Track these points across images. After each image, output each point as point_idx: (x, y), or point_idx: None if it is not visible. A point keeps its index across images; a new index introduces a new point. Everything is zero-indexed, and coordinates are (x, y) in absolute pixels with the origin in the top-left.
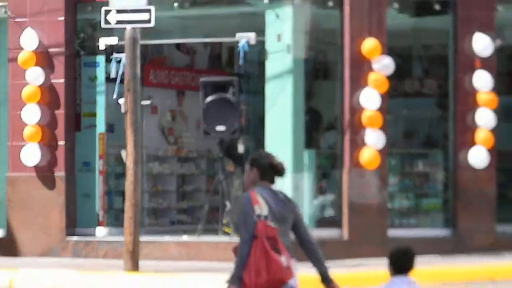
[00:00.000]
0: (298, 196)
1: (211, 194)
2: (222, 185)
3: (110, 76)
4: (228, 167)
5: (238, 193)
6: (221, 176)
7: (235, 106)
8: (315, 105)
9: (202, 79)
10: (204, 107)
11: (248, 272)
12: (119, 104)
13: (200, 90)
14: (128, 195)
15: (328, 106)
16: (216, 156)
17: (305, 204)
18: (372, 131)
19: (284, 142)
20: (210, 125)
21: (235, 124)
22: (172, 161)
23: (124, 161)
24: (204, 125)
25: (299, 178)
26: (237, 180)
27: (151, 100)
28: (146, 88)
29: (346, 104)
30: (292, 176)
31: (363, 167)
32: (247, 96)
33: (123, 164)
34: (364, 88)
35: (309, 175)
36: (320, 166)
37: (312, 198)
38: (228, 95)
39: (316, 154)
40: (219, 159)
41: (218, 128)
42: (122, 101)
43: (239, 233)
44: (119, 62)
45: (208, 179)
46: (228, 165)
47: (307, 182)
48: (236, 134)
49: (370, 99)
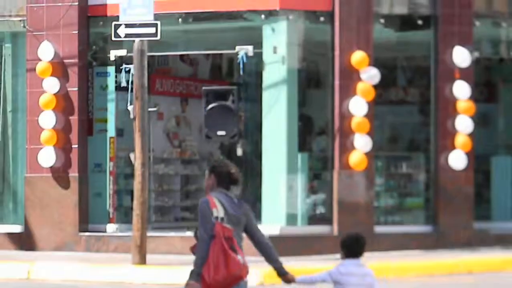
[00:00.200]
0: (292, 195)
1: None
2: None
3: (120, 85)
4: None
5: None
6: None
7: (235, 113)
8: (308, 112)
9: (204, 88)
10: (206, 113)
11: (208, 269)
12: (128, 110)
13: (202, 98)
14: (136, 194)
15: (319, 112)
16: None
17: (298, 202)
18: (360, 135)
19: (279, 146)
20: (212, 130)
21: (235, 129)
22: (177, 163)
23: (133, 163)
24: (206, 130)
25: (292, 179)
26: None
27: (158, 107)
28: (153, 96)
29: (336, 111)
30: (286, 177)
31: (352, 168)
32: (245, 103)
33: (131, 165)
34: (353, 96)
35: (302, 176)
36: (312, 168)
37: (305, 197)
38: (228, 103)
39: (309, 156)
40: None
41: (219, 132)
42: (131, 107)
43: (199, 233)
44: (128, 72)
45: None
46: None
47: (300, 182)
48: (235, 138)
49: (358, 106)
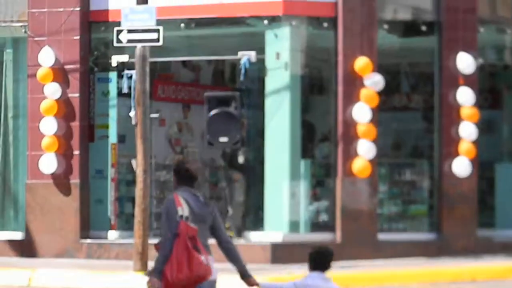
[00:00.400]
0: (295, 202)
1: (214, 200)
2: (224, 192)
3: (121, 91)
4: (234, 176)
5: (240, 199)
6: (223, 183)
7: (237, 119)
8: (311, 118)
9: (206, 94)
10: (208, 119)
11: (170, 267)
12: (130, 116)
13: (204, 104)
14: (137, 200)
15: (322, 119)
16: (219, 165)
17: (301, 209)
18: (364, 142)
19: (282, 152)
20: (214, 136)
21: (237, 135)
22: None
23: (134, 169)
24: (208, 136)
25: (295, 186)
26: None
27: (160, 113)
28: (155, 102)
29: (340, 118)
30: (289, 184)
31: (355, 175)
32: (248, 109)
33: (133, 172)
34: (356, 102)
35: (305, 183)
36: (315, 175)
37: (308, 204)
38: (231, 109)
39: (312, 163)
40: (222, 168)
41: (221, 139)
42: (132, 113)
43: (163, 231)
44: (130, 78)
45: (211, 186)
46: (233, 174)
47: (303, 189)
48: (238, 145)
49: (362, 113)
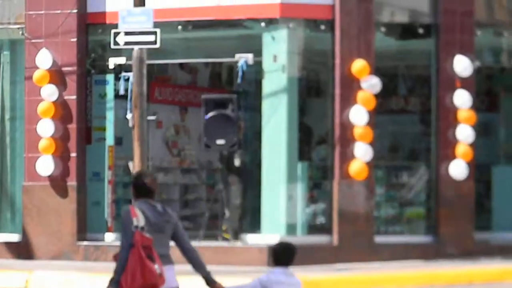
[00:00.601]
0: (292, 205)
1: (211, 202)
2: (221, 194)
3: (119, 93)
4: (231, 178)
5: (237, 202)
6: (220, 186)
7: (234, 121)
8: (308, 120)
9: (203, 96)
10: (205, 122)
11: (125, 277)
12: (127, 119)
13: (201, 106)
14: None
15: (319, 121)
16: (216, 168)
17: (298, 212)
18: (361, 145)
19: (279, 155)
20: (211, 138)
21: (234, 138)
22: (176, 172)
23: (131, 171)
24: (205, 138)
25: (292, 188)
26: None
27: (157, 115)
28: (152, 105)
29: (337, 120)
30: (286, 186)
31: (352, 178)
32: (245, 112)
33: (130, 174)
34: (353, 105)
35: (301, 185)
36: (312, 177)
37: (305, 207)
38: (228, 111)
39: (309, 166)
40: (219, 170)
41: (218, 141)
42: (129, 116)
43: (121, 242)
44: (127, 80)
45: (208, 188)
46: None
47: (300, 192)
48: (234, 148)
49: (359, 115)
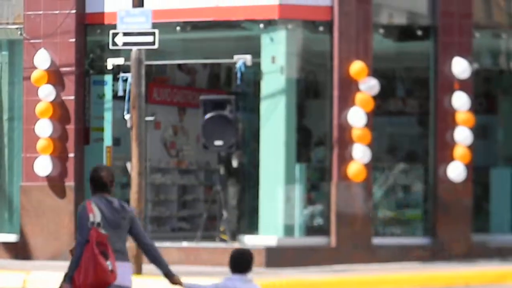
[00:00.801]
0: (290, 206)
1: (209, 203)
2: (219, 195)
3: (117, 94)
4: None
5: (234, 203)
6: (218, 187)
7: (232, 123)
8: (306, 122)
9: (201, 97)
10: (203, 123)
11: (78, 273)
12: (125, 119)
13: (200, 107)
14: (132, 204)
15: (317, 123)
16: (214, 169)
17: (296, 213)
18: (359, 146)
19: (277, 156)
20: (209, 139)
21: (232, 139)
22: (174, 172)
23: (129, 172)
24: (203, 139)
25: (290, 190)
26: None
27: (155, 116)
28: (150, 105)
29: (335, 122)
30: (284, 187)
31: (350, 179)
32: (243, 113)
33: (128, 175)
34: (352, 107)
35: (300, 187)
36: (310, 179)
37: (302, 208)
38: (226, 112)
39: (307, 167)
40: (217, 171)
41: (216, 142)
42: (128, 116)
43: (77, 238)
44: (125, 81)
45: (206, 189)
46: (228, 178)
47: (298, 193)
48: (232, 149)
49: (357, 117)
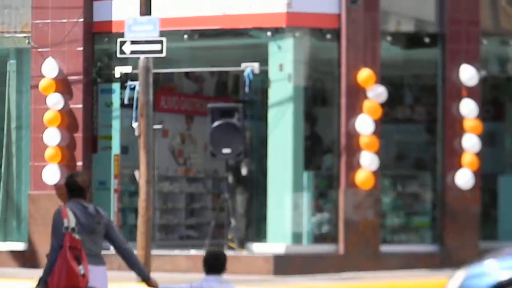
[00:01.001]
0: (298, 214)
1: (217, 211)
2: (227, 203)
3: (124, 102)
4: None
5: (242, 211)
6: (226, 195)
7: (240, 130)
8: (314, 130)
9: (209, 105)
10: (211, 131)
11: (52, 278)
12: (133, 128)
13: (207, 115)
14: (140, 212)
15: (325, 131)
16: (222, 177)
17: (304, 221)
18: (367, 154)
19: (285, 164)
20: (217, 147)
21: (240, 147)
22: (181, 180)
23: (137, 180)
24: (211, 147)
25: (298, 197)
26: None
27: (163, 124)
28: (158, 113)
29: (343, 129)
30: (292, 195)
31: (358, 187)
32: (251, 121)
33: (136, 183)
34: (359, 114)
35: (307, 194)
36: (318, 186)
37: (311, 216)
38: (234, 120)
39: (315, 175)
40: (225, 179)
41: (224, 150)
42: (136, 125)
43: (51, 242)
44: (133, 89)
45: (214, 197)
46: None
47: (306, 201)
48: (240, 157)
49: (365, 124)
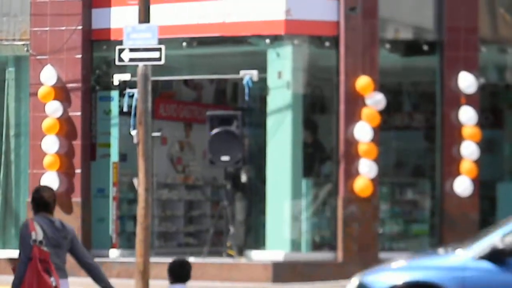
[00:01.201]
0: (296, 221)
1: (216, 219)
2: (226, 210)
3: (123, 110)
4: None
5: (241, 218)
6: (225, 202)
7: (239, 138)
8: (313, 137)
9: (208, 113)
10: (210, 138)
11: None
12: (131, 135)
13: (206, 122)
14: (139, 219)
15: (324, 138)
16: (221, 184)
17: (302, 228)
18: (365, 161)
19: (284, 172)
20: (216, 155)
21: (239, 154)
22: (180, 188)
23: (136, 188)
24: (209, 155)
25: (297, 205)
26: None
27: (161, 132)
28: (157, 121)
29: (341, 136)
30: (290, 203)
31: (357, 194)
32: (249, 128)
33: (134, 190)
34: (358, 121)
35: (306, 202)
36: (317, 194)
37: (309, 223)
38: (232, 128)
39: (313, 182)
40: (224, 187)
41: (223, 158)
42: (134, 132)
43: (19, 255)
44: (131, 96)
45: (213, 205)
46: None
47: (304, 208)
48: (239, 164)
49: (363, 132)
